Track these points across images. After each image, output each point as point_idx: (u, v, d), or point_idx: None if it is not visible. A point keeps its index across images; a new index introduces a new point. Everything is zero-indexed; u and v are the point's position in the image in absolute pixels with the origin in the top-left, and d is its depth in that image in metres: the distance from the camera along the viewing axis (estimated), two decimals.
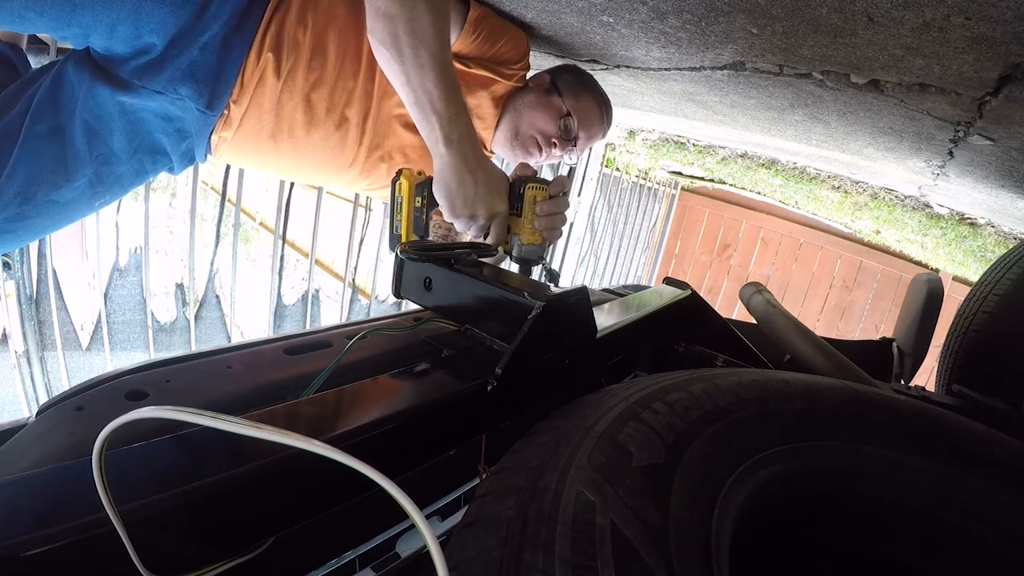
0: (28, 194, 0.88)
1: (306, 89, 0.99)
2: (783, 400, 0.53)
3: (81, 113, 0.88)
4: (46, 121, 0.87)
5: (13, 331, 1.63)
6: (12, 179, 0.86)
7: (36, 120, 0.86)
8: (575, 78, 1.21)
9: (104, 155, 0.93)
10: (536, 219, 0.86)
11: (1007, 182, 1.43)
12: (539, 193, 0.86)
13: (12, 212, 0.88)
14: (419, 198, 0.86)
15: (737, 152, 3.45)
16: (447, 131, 0.81)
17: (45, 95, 0.87)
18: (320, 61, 0.97)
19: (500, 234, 0.87)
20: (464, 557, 0.35)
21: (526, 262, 0.89)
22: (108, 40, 0.83)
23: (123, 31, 0.82)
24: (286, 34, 0.93)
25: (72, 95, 0.87)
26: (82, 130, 0.89)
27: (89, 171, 0.93)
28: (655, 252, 4.80)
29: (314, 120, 1.02)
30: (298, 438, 0.32)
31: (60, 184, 0.90)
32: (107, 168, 0.95)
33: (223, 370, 0.56)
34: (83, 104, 0.88)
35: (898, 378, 1.21)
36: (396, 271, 0.73)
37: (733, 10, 0.79)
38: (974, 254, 2.90)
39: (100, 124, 0.90)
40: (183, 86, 0.88)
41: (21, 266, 1.57)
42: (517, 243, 0.88)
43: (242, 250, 5.56)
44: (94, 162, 0.92)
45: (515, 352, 0.53)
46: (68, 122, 0.88)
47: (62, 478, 0.35)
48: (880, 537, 0.54)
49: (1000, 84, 0.76)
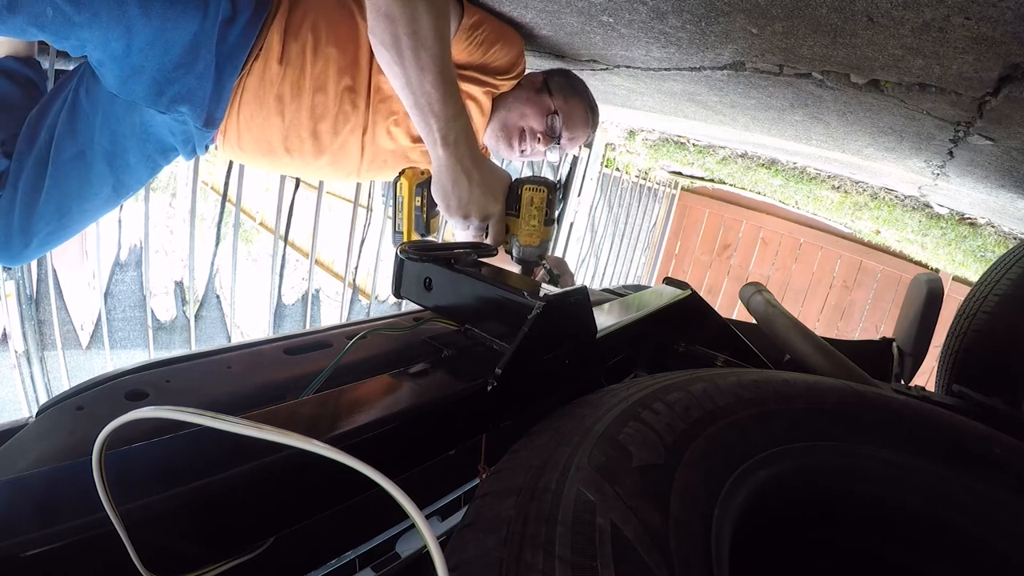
0: (64, 209, 1.02)
1: (306, 116, 1.04)
2: (783, 400, 0.53)
3: (99, 141, 0.99)
4: (68, 149, 0.98)
5: (13, 331, 1.63)
6: (49, 200, 1.00)
7: (60, 149, 0.98)
8: (567, 81, 1.25)
9: (122, 167, 1.04)
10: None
11: (1007, 182, 1.43)
12: (536, 195, 0.86)
13: (54, 225, 1.03)
14: (419, 197, 0.87)
15: (737, 152, 3.45)
16: (444, 132, 0.81)
17: (64, 126, 0.98)
18: (307, 72, 1.01)
19: (498, 234, 0.87)
20: (464, 557, 0.35)
21: (525, 263, 0.89)
22: (103, 51, 0.87)
23: (115, 46, 0.87)
24: (281, 53, 0.98)
25: (88, 125, 0.98)
26: (102, 155, 1.01)
27: (112, 181, 1.05)
28: (655, 252, 4.79)
29: (318, 139, 1.08)
30: (298, 438, 0.32)
31: (88, 196, 1.04)
32: (126, 175, 1.06)
33: (223, 370, 0.56)
34: (100, 132, 0.99)
35: (898, 378, 1.21)
36: (396, 271, 0.73)
37: (733, 10, 0.79)
38: (974, 254, 2.90)
39: (116, 146, 1.01)
40: (182, 106, 0.95)
41: (21, 266, 1.57)
42: (516, 244, 0.88)
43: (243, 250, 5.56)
44: (114, 173, 1.04)
45: (515, 352, 0.53)
46: (88, 147, 0.99)
47: (62, 478, 0.35)
48: (880, 537, 0.54)
49: (1000, 84, 0.76)
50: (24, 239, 1.01)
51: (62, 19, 0.80)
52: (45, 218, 1.01)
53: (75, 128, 0.98)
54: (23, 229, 1.01)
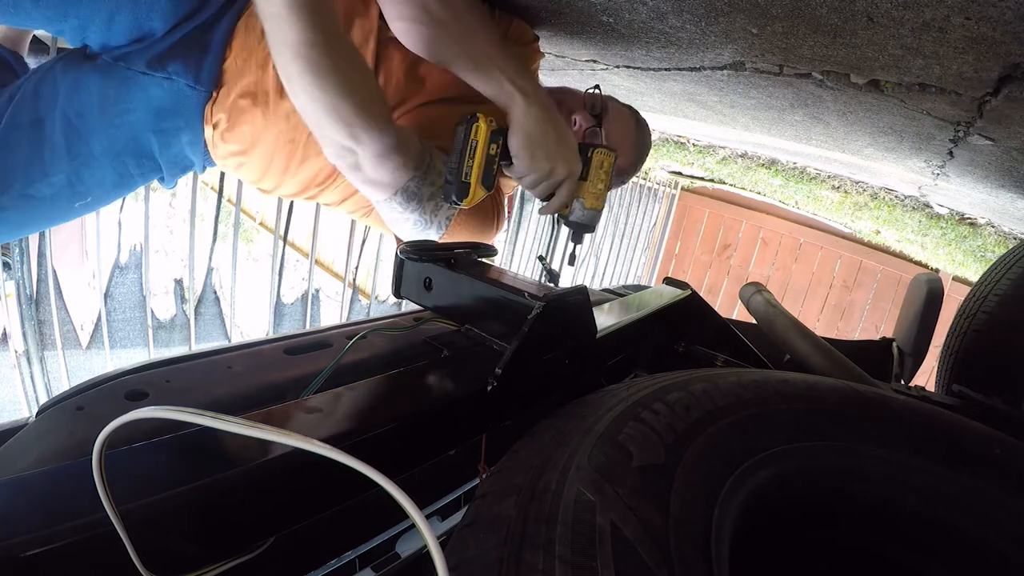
0: (3, 185, 0.87)
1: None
2: (783, 400, 0.53)
3: (62, 107, 0.87)
4: (27, 112, 0.86)
5: (13, 331, 1.63)
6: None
7: (17, 111, 0.86)
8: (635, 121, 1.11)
9: (83, 155, 0.91)
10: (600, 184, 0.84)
11: (1007, 182, 1.43)
12: (607, 159, 0.84)
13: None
14: (494, 145, 0.78)
15: (737, 152, 3.45)
16: (520, 84, 0.77)
17: (31, 87, 0.87)
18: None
19: (570, 195, 0.84)
20: (464, 557, 0.35)
21: (583, 227, 0.87)
22: (106, 33, 0.81)
23: (122, 22, 0.80)
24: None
25: (54, 88, 0.86)
26: (61, 124, 0.87)
27: (67, 168, 0.91)
28: (655, 252, 4.80)
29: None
30: (298, 438, 0.32)
31: (36, 178, 0.89)
32: (87, 170, 0.92)
33: (223, 370, 0.56)
34: (65, 98, 0.86)
35: (898, 378, 1.21)
36: (396, 271, 0.72)
37: (733, 10, 0.79)
38: (974, 254, 2.90)
39: (80, 120, 0.88)
40: (172, 62, 0.86)
41: (21, 266, 1.57)
42: (579, 207, 0.85)
43: (243, 249, 5.57)
44: (72, 160, 0.90)
45: (515, 352, 0.53)
46: (48, 114, 0.87)
47: (62, 478, 0.35)
48: (880, 537, 0.54)
49: (1000, 84, 0.76)
50: None
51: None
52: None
53: (39, 91, 0.87)
54: None
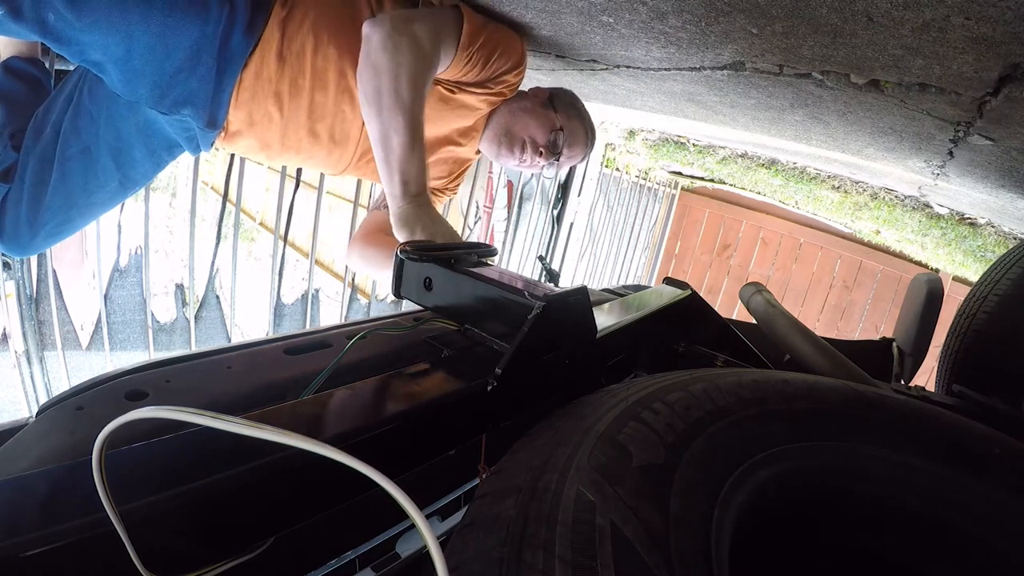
0: (70, 202, 1.06)
1: (304, 115, 1.06)
2: (783, 400, 0.53)
3: (104, 137, 1.02)
4: (73, 145, 1.02)
5: (13, 331, 1.63)
6: (56, 194, 1.04)
7: (66, 145, 1.01)
8: (572, 101, 1.31)
9: (128, 162, 1.08)
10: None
11: (1007, 182, 1.43)
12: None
13: (60, 217, 1.07)
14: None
15: (737, 152, 3.45)
16: (406, 183, 0.91)
17: (69, 123, 1.02)
18: (304, 79, 1.03)
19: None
20: (464, 557, 0.35)
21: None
22: (103, 56, 0.89)
23: (116, 52, 0.88)
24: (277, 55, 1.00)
25: (92, 123, 1.01)
26: (107, 151, 1.04)
27: (117, 175, 1.08)
28: (655, 252, 4.80)
29: (315, 136, 1.10)
30: (298, 438, 0.32)
31: (94, 190, 1.07)
32: (132, 171, 1.11)
33: (223, 370, 0.56)
34: (104, 129, 1.01)
35: (898, 378, 1.21)
36: (396, 271, 0.73)
37: (733, 10, 0.79)
38: (974, 254, 2.90)
39: (121, 143, 1.04)
40: (184, 109, 0.98)
41: (21, 266, 1.57)
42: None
43: (243, 249, 5.56)
44: (119, 169, 1.08)
45: (515, 352, 0.53)
46: (92, 143, 1.02)
47: (62, 478, 0.35)
48: (880, 537, 0.54)
49: (1000, 84, 0.75)
50: (31, 230, 1.06)
51: (63, 24, 0.82)
52: (52, 210, 1.05)
53: (78, 126, 1.01)
54: (30, 221, 1.05)
